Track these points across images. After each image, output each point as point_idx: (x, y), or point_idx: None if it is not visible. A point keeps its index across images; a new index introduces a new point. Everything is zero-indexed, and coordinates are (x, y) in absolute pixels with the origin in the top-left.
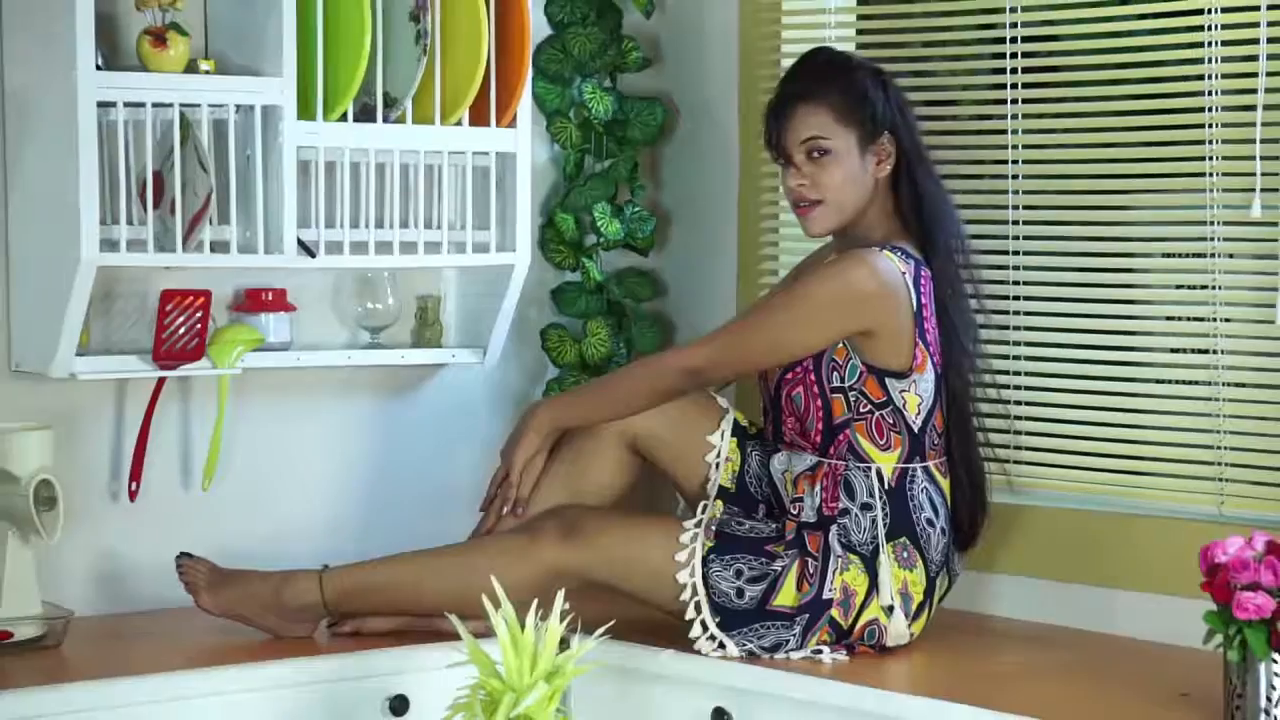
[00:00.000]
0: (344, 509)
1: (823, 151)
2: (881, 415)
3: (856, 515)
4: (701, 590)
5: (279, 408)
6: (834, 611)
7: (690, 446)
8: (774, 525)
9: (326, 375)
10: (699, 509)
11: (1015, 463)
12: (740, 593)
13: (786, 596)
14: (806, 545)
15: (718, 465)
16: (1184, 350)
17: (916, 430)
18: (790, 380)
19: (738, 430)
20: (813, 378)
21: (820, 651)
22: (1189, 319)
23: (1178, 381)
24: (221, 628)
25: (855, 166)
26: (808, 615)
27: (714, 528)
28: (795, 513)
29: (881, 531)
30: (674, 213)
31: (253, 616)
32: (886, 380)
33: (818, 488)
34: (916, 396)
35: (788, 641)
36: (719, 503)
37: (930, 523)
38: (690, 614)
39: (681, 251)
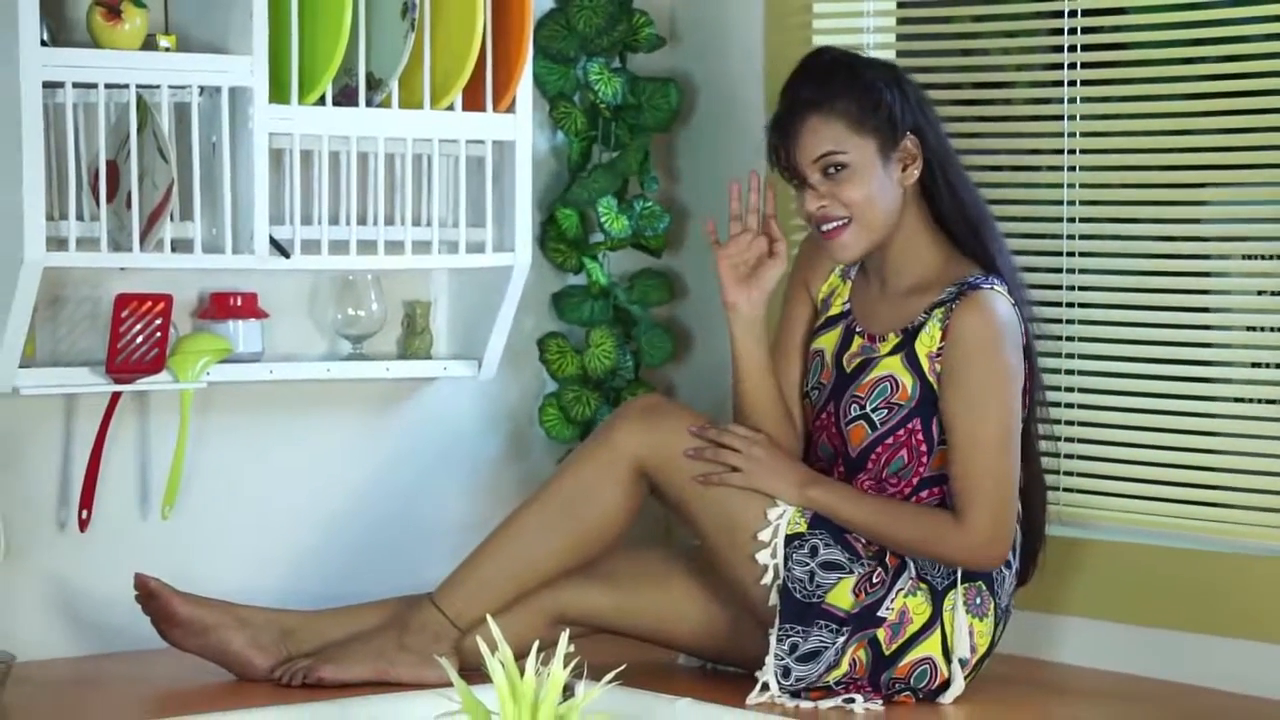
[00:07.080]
0: (321, 539)
1: (840, 166)
2: None
3: None
4: (783, 567)
5: (248, 426)
6: (880, 632)
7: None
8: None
9: (302, 390)
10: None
11: (1069, 490)
12: (811, 577)
13: (841, 597)
14: (886, 556)
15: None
16: (1266, 365)
17: None
18: (892, 444)
19: None
20: (920, 436)
21: (853, 701)
22: (1272, 329)
23: (1260, 400)
24: (183, 673)
25: (879, 178)
26: (851, 626)
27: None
28: None
29: (959, 570)
30: (691, 208)
31: (233, 645)
32: None
33: None
34: None
35: (827, 650)
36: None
37: (1007, 562)
38: (766, 579)
39: (698, 252)
